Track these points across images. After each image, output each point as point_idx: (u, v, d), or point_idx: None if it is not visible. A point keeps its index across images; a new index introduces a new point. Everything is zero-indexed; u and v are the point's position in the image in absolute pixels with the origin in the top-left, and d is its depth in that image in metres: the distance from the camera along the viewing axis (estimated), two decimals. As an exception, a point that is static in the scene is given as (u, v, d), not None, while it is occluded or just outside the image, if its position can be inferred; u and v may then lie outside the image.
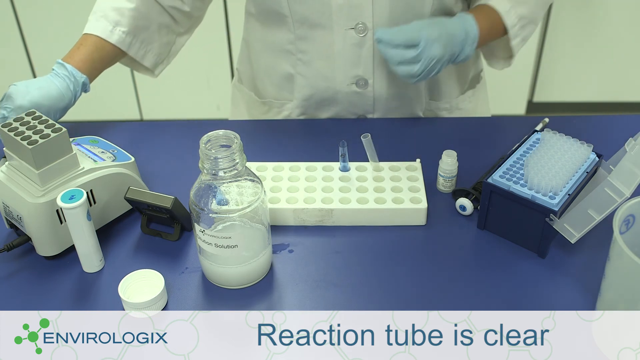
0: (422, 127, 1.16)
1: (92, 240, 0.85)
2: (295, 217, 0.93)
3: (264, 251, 0.84)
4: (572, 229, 0.82)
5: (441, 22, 1.00)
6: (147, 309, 0.79)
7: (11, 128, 0.85)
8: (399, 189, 0.96)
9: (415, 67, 0.97)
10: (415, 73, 0.98)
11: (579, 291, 0.82)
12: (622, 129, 1.06)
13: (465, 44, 1.01)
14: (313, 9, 1.03)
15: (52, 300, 0.83)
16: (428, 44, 0.96)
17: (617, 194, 0.76)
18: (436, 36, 0.97)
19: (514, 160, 0.91)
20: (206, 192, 0.77)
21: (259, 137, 1.13)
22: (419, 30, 0.97)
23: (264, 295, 0.84)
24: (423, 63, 0.97)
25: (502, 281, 0.84)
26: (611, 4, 2.57)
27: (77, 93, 1.04)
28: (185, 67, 2.64)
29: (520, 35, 1.10)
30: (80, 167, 0.88)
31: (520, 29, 1.09)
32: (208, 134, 0.77)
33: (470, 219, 0.95)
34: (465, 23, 1.02)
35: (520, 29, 1.10)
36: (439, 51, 0.97)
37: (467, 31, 1.01)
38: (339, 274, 0.86)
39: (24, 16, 2.54)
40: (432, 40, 0.96)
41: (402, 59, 0.97)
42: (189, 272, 0.87)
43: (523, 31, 1.10)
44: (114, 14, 1.07)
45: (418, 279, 0.85)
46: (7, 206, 0.88)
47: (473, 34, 1.02)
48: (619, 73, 2.76)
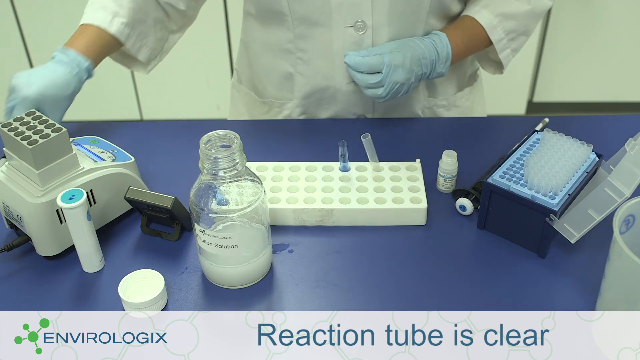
0: (422, 127, 1.16)
1: (92, 240, 0.85)
2: (295, 217, 0.93)
3: (264, 251, 0.84)
4: (572, 229, 0.82)
5: (408, 46, 1.03)
6: (147, 309, 0.79)
7: (11, 128, 0.85)
8: (399, 189, 0.96)
9: (380, 91, 1.03)
10: (380, 95, 1.03)
11: (579, 291, 0.82)
12: (622, 129, 1.06)
13: (436, 63, 1.06)
14: (313, 7, 1.03)
15: (52, 300, 0.83)
16: (390, 70, 1.01)
17: (617, 194, 0.76)
18: (400, 62, 1.01)
19: (514, 160, 0.91)
20: (206, 192, 0.77)
21: (259, 137, 1.13)
22: (381, 56, 1.01)
23: (264, 295, 0.84)
24: (387, 87, 1.02)
25: (502, 281, 0.84)
26: (611, 4, 2.57)
27: (82, 78, 1.03)
28: (185, 67, 2.65)
29: (509, 47, 1.12)
30: (80, 167, 0.88)
31: (509, 41, 1.11)
32: (208, 134, 0.77)
33: (470, 219, 0.95)
34: (436, 43, 1.05)
35: (510, 42, 1.11)
36: (402, 76, 1.02)
37: (439, 51, 1.05)
38: (339, 274, 0.86)
39: (24, 16, 2.54)
40: (394, 66, 1.01)
41: (367, 84, 1.03)
42: (189, 272, 0.87)
43: (513, 43, 1.12)
44: (113, 5, 1.07)
45: (418, 279, 0.85)
46: (7, 206, 0.88)
47: (445, 53, 1.06)
48: (619, 73, 2.76)
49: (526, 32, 1.13)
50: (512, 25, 1.09)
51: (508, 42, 1.11)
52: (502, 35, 1.10)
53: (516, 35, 1.11)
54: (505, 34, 1.10)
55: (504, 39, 1.10)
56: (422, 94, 1.18)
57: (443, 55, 1.05)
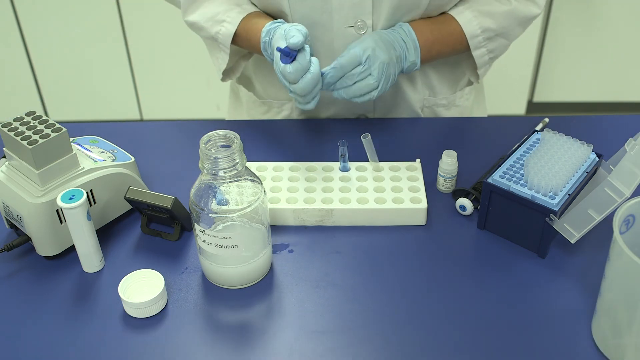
0: (422, 127, 1.16)
1: (92, 240, 0.85)
2: (295, 217, 0.93)
3: (264, 251, 0.84)
4: (572, 229, 0.82)
5: (372, 35, 1.00)
6: (147, 309, 0.79)
7: (11, 128, 0.85)
8: (399, 189, 0.96)
9: (371, 80, 0.96)
10: (373, 85, 0.96)
11: (579, 291, 0.82)
12: (622, 129, 1.06)
13: (406, 48, 1.01)
14: (314, 7, 1.03)
15: (52, 300, 0.83)
16: (371, 54, 0.95)
17: (617, 194, 0.76)
18: (372, 44, 0.96)
19: (514, 160, 0.91)
20: (206, 192, 0.77)
21: (259, 137, 1.13)
22: (353, 48, 0.95)
23: (264, 295, 0.84)
24: (375, 71, 0.95)
25: (502, 281, 0.84)
26: (611, 4, 2.57)
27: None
28: (185, 67, 2.65)
29: (485, 47, 1.08)
30: (80, 167, 0.88)
31: (485, 40, 1.08)
32: (208, 134, 0.77)
33: (470, 219, 0.95)
34: (398, 30, 1.02)
35: (487, 41, 1.08)
36: (384, 55, 0.96)
37: (403, 37, 1.01)
38: (339, 274, 0.86)
39: (24, 16, 2.54)
40: (371, 49, 0.96)
41: (354, 80, 0.95)
42: (189, 272, 0.87)
43: (490, 43, 1.08)
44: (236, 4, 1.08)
45: (418, 279, 0.85)
46: (7, 206, 0.88)
47: (410, 38, 1.02)
48: (619, 73, 2.76)
49: (505, 35, 1.09)
50: (489, 23, 1.06)
51: (485, 40, 1.08)
52: (478, 32, 1.06)
53: (494, 35, 1.08)
54: (482, 31, 1.06)
55: (480, 37, 1.07)
56: (422, 94, 1.18)
57: (408, 40, 1.02)
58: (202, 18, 1.09)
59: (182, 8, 1.11)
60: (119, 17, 2.54)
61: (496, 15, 1.07)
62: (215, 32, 1.08)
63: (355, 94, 0.97)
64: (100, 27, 2.56)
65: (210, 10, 1.09)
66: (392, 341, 0.77)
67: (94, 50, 2.61)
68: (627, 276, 0.67)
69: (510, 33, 1.10)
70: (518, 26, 1.10)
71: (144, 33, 2.58)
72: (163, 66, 2.66)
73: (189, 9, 1.11)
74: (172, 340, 0.77)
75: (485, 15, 1.06)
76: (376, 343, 0.76)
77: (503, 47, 1.11)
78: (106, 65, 2.66)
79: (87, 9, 2.51)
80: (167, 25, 2.48)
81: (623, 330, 0.70)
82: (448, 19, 1.07)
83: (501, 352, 0.75)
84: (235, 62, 1.18)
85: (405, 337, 0.77)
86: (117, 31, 2.57)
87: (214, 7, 1.09)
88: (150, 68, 2.67)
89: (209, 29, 1.09)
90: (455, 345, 0.76)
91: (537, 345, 0.76)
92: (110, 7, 2.51)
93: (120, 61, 2.64)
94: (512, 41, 1.11)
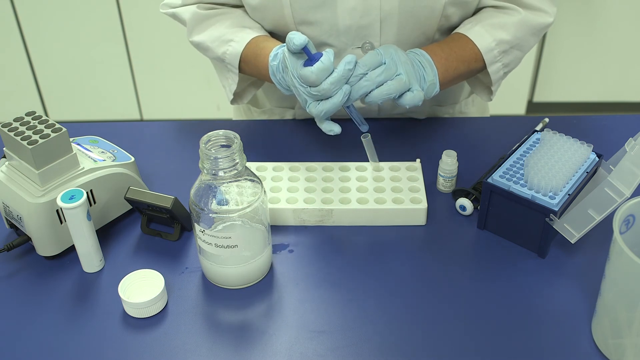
0: (422, 127, 1.16)
1: (92, 240, 0.85)
2: (295, 217, 0.93)
3: (264, 251, 0.84)
4: (572, 229, 0.82)
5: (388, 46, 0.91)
6: (147, 309, 0.79)
7: (11, 128, 0.85)
8: (399, 189, 0.96)
9: (404, 77, 0.87)
10: (405, 81, 0.87)
11: (579, 291, 0.82)
12: (622, 129, 1.06)
13: (422, 67, 0.93)
14: (321, 30, 1.02)
15: (52, 300, 0.83)
16: (388, 51, 0.87)
17: (617, 194, 0.76)
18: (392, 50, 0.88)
19: (514, 160, 0.91)
20: (206, 192, 0.78)
21: (259, 137, 1.13)
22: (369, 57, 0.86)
23: (264, 295, 0.84)
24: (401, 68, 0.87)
25: (502, 281, 0.84)
26: (611, 4, 2.57)
27: None
28: (185, 67, 2.65)
29: (501, 61, 1.03)
30: (80, 167, 0.88)
31: (501, 54, 1.02)
32: (208, 134, 0.77)
33: (470, 219, 0.95)
34: (409, 54, 0.94)
35: (501, 55, 1.02)
36: (403, 57, 0.89)
37: (418, 58, 0.94)
38: (339, 274, 0.86)
39: (24, 16, 2.54)
40: (387, 47, 0.88)
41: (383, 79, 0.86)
42: (189, 272, 0.87)
43: (505, 57, 1.03)
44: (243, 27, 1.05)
45: (418, 279, 0.85)
46: (7, 206, 0.88)
47: (425, 58, 0.94)
48: (619, 73, 2.76)
49: (520, 46, 1.03)
50: (502, 34, 1.01)
51: (500, 54, 1.02)
52: (493, 45, 1.00)
53: (508, 48, 1.02)
54: (496, 44, 1.01)
55: (495, 50, 1.01)
56: (427, 103, 1.16)
57: (424, 61, 0.93)
58: (208, 38, 1.05)
59: (188, 29, 1.08)
60: (119, 18, 2.54)
61: (507, 26, 1.02)
62: (222, 52, 1.04)
63: (390, 92, 0.86)
64: (101, 27, 2.56)
65: (217, 31, 1.05)
66: (391, 341, 0.77)
67: (94, 50, 2.62)
68: (627, 276, 0.67)
69: (524, 44, 1.04)
70: (532, 36, 1.04)
71: (144, 33, 2.58)
72: (163, 66, 2.66)
73: (195, 29, 1.07)
74: (172, 340, 0.77)
75: (496, 28, 1.01)
76: (376, 343, 0.76)
77: (517, 60, 1.06)
78: (106, 65, 2.66)
79: (87, 9, 2.51)
80: (167, 25, 2.46)
81: (623, 330, 0.70)
82: (459, 37, 1.02)
83: (501, 352, 0.75)
84: (245, 87, 1.14)
85: (405, 337, 0.77)
86: (117, 31, 2.57)
87: (221, 28, 1.05)
88: (150, 68, 2.67)
89: (216, 49, 1.05)
90: (455, 345, 0.76)
91: (537, 345, 0.76)
92: (110, 7, 2.51)
93: (120, 61, 2.64)
94: (526, 53, 1.06)
